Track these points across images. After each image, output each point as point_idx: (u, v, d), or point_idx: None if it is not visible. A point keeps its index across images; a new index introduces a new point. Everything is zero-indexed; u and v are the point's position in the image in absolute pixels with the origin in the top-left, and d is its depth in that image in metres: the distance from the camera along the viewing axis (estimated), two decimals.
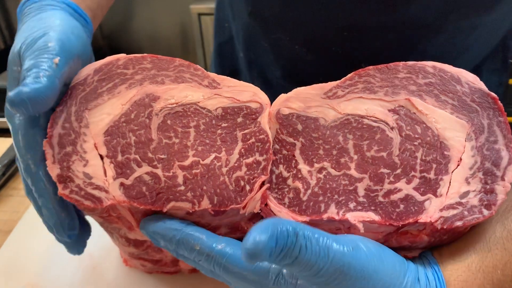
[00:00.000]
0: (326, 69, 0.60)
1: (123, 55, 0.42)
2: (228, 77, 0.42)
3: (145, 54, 0.42)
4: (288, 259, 0.31)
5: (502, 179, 0.36)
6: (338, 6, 0.54)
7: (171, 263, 0.49)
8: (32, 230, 0.58)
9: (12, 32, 2.38)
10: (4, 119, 0.42)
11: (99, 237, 0.54)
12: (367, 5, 0.53)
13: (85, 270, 0.53)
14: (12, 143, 0.75)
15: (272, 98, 0.41)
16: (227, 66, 0.79)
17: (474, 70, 0.65)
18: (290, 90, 0.41)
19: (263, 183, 0.38)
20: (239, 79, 0.80)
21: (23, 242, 0.57)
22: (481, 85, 0.38)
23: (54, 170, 0.38)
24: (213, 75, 0.42)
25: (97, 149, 0.39)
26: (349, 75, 0.40)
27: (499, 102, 0.38)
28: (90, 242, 0.55)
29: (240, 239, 0.43)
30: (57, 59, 0.38)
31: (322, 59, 0.60)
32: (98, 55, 0.45)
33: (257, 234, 0.30)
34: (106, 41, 2.31)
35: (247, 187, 0.38)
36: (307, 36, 0.59)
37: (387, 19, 0.54)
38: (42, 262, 0.54)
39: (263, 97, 0.41)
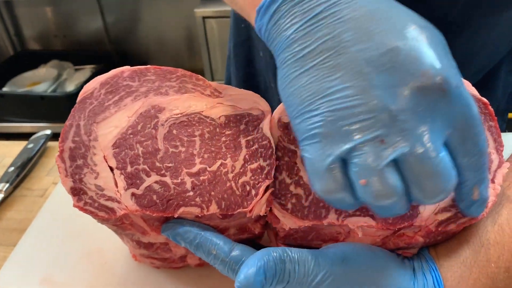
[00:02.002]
0: None
1: (127, 67, 0.43)
2: (230, 86, 0.43)
3: (148, 66, 0.43)
4: (280, 284, 0.34)
5: (492, 181, 0.38)
6: None
7: (179, 260, 0.50)
8: (46, 228, 0.60)
9: (21, 38, 2.39)
10: (17, 124, 0.42)
11: (109, 234, 0.56)
12: None
13: (96, 266, 0.55)
14: (25, 146, 0.75)
15: None
16: (242, 67, 0.77)
17: (494, 71, 0.64)
18: None
19: (267, 187, 0.40)
20: (255, 80, 0.79)
21: (37, 240, 0.59)
22: (473, 90, 0.39)
23: (67, 183, 0.39)
24: (214, 84, 0.43)
25: (106, 162, 0.40)
26: None
27: (490, 107, 0.39)
28: (100, 238, 0.57)
29: (248, 239, 0.45)
30: None
31: None
32: (106, 60, 0.46)
33: (246, 269, 0.32)
34: (113, 45, 2.30)
35: (253, 192, 0.39)
36: None
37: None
38: (55, 259, 0.56)
39: (263, 104, 0.42)
